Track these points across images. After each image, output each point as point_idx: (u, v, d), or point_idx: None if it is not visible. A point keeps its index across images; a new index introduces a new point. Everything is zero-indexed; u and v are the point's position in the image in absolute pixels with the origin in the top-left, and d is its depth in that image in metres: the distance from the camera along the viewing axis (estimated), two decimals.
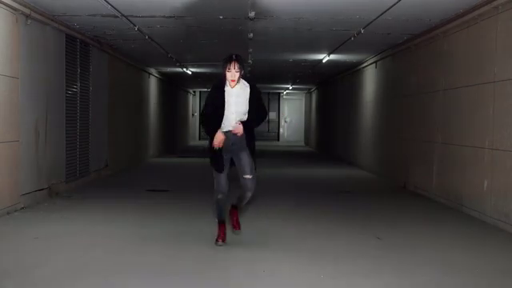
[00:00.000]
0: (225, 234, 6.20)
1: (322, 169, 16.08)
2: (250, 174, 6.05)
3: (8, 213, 7.77)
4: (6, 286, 4.67)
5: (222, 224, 6.23)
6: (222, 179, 6.06)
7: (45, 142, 9.18)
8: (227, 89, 6.01)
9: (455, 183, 8.89)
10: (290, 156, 21.64)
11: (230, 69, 5.93)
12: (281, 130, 35.02)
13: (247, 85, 6.07)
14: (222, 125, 5.99)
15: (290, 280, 4.96)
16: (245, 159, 6.05)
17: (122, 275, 5.00)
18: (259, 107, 6.11)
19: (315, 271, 5.21)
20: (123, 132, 14.67)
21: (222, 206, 6.20)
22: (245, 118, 6.04)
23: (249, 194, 6.12)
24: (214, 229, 6.88)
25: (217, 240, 6.17)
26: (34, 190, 8.77)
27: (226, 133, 5.99)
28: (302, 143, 32.19)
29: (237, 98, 5.99)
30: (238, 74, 5.94)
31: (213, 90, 6.11)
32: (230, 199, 6.25)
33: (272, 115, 34.96)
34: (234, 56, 6.00)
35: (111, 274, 5.05)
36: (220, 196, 6.11)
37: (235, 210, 6.36)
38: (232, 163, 6.13)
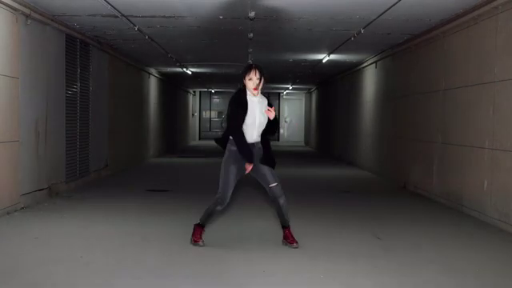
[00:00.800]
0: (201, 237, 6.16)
1: (322, 169, 16.09)
2: (275, 182, 6.00)
3: (8, 213, 7.77)
4: (6, 285, 4.67)
5: (200, 227, 6.17)
6: (229, 191, 5.94)
7: (45, 142, 9.18)
8: (250, 97, 5.93)
9: (455, 183, 8.89)
10: (290, 156, 21.63)
11: (251, 77, 5.87)
12: (281, 130, 35.01)
13: (263, 95, 6.06)
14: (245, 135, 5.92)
15: (289, 280, 4.96)
16: (264, 169, 6.00)
17: (122, 275, 5.00)
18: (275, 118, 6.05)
19: (315, 271, 5.21)
20: (123, 132, 14.67)
21: (214, 217, 6.11)
22: (263, 128, 6.01)
23: (282, 201, 6.03)
24: (214, 229, 6.90)
25: (196, 241, 6.11)
26: (34, 190, 8.77)
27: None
28: (302, 143, 32.19)
29: (260, 107, 5.94)
30: (258, 82, 5.88)
31: (237, 100, 5.93)
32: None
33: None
34: (254, 64, 5.95)
35: (111, 273, 5.05)
36: (219, 208, 6.02)
37: (286, 228, 6.20)
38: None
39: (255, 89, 5.88)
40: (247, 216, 7.95)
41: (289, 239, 6.17)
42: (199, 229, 6.16)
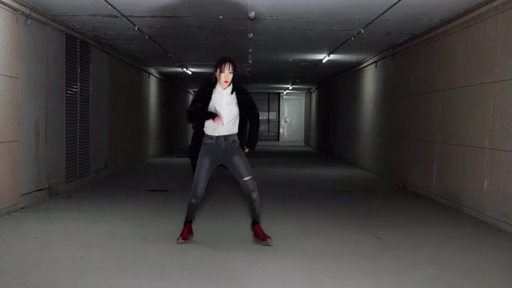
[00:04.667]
0: (188, 234, 6.23)
1: (322, 169, 16.09)
2: (249, 175, 6.07)
3: (8, 213, 7.77)
4: (5, 285, 4.67)
5: (187, 224, 6.27)
6: (200, 182, 6.07)
7: (45, 141, 9.18)
8: (218, 89, 6.08)
9: (455, 183, 8.89)
10: (289, 156, 21.63)
11: (223, 70, 6.01)
12: (281, 130, 35.03)
13: (237, 89, 6.17)
14: (210, 128, 6.06)
15: (290, 280, 4.96)
16: (238, 162, 6.08)
17: (122, 275, 5.00)
18: (250, 107, 6.19)
19: (315, 271, 5.21)
20: (123, 132, 14.67)
21: (194, 210, 6.22)
22: (236, 121, 6.10)
23: (254, 196, 6.09)
24: (214, 229, 6.90)
25: (178, 238, 6.19)
26: (34, 190, 8.77)
27: (217, 138, 6.06)
28: (302, 143, 32.19)
29: (227, 100, 6.06)
30: (231, 76, 6.03)
31: (203, 88, 6.17)
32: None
33: (272, 115, 34.97)
34: (227, 58, 6.09)
35: (111, 273, 5.05)
36: (194, 201, 6.13)
37: (256, 224, 6.26)
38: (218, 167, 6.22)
39: (226, 81, 6.03)
40: (247, 216, 7.94)
41: (260, 236, 6.22)
42: (186, 226, 6.24)
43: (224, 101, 6.05)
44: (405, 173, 11.56)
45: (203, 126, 6.10)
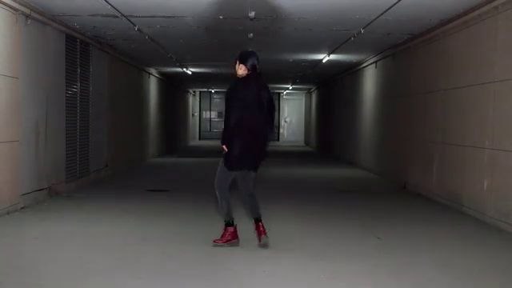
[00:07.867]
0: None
1: (322, 169, 16.09)
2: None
3: (8, 213, 7.77)
4: (6, 285, 4.67)
5: (228, 226, 6.14)
6: (219, 176, 6.09)
7: (45, 141, 9.18)
8: None
9: (455, 183, 8.89)
10: (290, 156, 21.63)
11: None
12: (281, 130, 35.01)
13: None
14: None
15: (289, 280, 4.96)
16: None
17: (122, 275, 5.00)
18: None
19: (315, 271, 5.21)
20: (123, 132, 14.66)
21: (225, 205, 6.09)
22: None
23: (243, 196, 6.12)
24: (215, 228, 6.89)
25: (227, 241, 6.10)
26: (34, 190, 8.77)
27: None
28: (302, 143, 32.19)
29: None
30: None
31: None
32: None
33: None
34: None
35: (111, 273, 5.05)
36: (217, 192, 6.13)
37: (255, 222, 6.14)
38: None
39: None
40: (247, 215, 7.94)
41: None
42: (227, 229, 6.11)
43: None
44: (405, 173, 11.56)
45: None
